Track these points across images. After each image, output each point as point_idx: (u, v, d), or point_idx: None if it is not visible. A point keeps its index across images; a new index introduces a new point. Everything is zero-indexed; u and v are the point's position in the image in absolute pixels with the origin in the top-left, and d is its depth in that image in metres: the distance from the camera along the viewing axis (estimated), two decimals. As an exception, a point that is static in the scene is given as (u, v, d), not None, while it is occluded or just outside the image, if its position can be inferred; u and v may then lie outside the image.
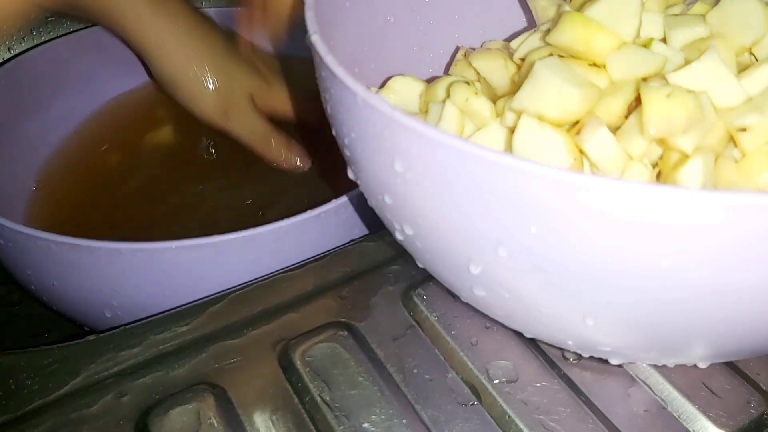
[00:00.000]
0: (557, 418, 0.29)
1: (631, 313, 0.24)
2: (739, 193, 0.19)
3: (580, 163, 0.27)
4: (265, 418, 0.29)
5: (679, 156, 0.27)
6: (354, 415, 0.29)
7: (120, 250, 0.35)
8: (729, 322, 0.24)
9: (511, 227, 0.23)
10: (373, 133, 0.25)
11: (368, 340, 0.32)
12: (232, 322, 0.33)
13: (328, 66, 0.26)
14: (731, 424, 0.29)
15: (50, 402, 0.29)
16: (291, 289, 0.34)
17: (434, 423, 0.29)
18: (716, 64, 0.27)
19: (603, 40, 0.29)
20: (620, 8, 0.30)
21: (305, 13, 0.29)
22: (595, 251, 0.22)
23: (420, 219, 0.26)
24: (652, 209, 0.20)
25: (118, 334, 0.32)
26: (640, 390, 0.30)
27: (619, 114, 0.28)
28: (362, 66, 0.35)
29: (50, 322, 0.47)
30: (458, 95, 0.31)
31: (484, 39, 0.41)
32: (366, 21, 0.36)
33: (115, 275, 0.37)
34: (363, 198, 0.39)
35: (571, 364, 0.31)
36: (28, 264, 0.39)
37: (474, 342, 0.32)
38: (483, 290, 0.27)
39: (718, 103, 0.27)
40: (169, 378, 0.30)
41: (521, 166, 0.21)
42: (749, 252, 0.21)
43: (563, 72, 0.27)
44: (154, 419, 0.28)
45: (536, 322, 0.28)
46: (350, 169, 0.30)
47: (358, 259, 0.36)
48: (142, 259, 0.36)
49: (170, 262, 0.36)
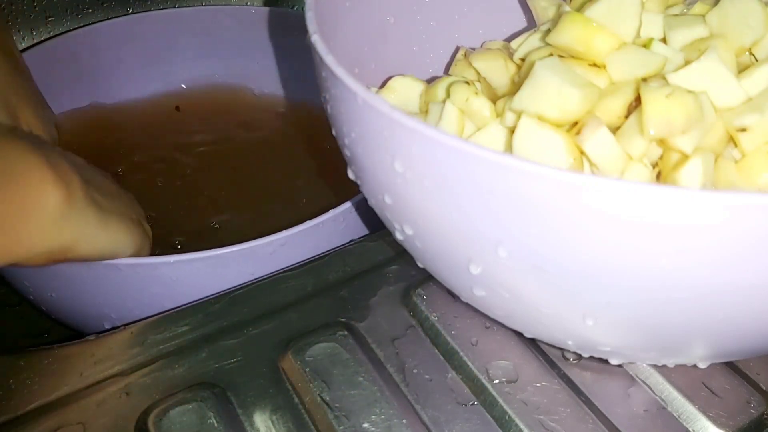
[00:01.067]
0: (557, 418, 0.29)
1: (631, 313, 0.24)
2: (739, 193, 0.19)
3: (580, 163, 0.27)
4: (265, 418, 0.29)
5: (679, 156, 0.27)
6: (354, 415, 0.29)
7: (118, 265, 0.35)
8: (729, 322, 0.24)
9: (511, 227, 0.23)
10: (373, 133, 0.25)
11: (368, 340, 0.32)
12: (232, 322, 0.33)
13: (328, 66, 0.26)
14: (731, 424, 0.29)
15: (50, 402, 0.29)
16: (291, 289, 0.34)
17: (434, 423, 0.29)
18: (716, 65, 0.27)
19: (603, 40, 0.29)
20: (620, 8, 0.30)
21: (305, 13, 0.29)
22: (595, 251, 0.22)
23: (420, 219, 0.26)
24: (652, 209, 0.20)
25: (118, 334, 0.32)
26: (640, 390, 0.30)
27: (619, 114, 0.28)
28: (362, 66, 0.35)
29: (50, 322, 0.47)
30: (458, 95, 0.31)
31: (484, 39, 0.41)
32: (366, 21, 0.36)
33: (114, 289, 0.37)
34: (360, 206, 0.39)
35: (571, 364, 0.31)
36: (26, 276, 0.38)
37: (474, 342, 0.32)
38: (483, 290, 0.27)
39: (718, 103, 0.27)
40: (169, 378, 0.30)
41: (521, 166, 0.21)
42: (749, 252, 0.21)
43: (563, 72, 0.27)
44: (154, 419, 0.28)
45: (536, 322, 0.28)
46: (350, 169, 0.30)
47: (358, 259, 0.36)
48: (141, 274, 0.36)
49: (168, 277, 0.36)
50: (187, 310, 0.33)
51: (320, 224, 0.37)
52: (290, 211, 0.47)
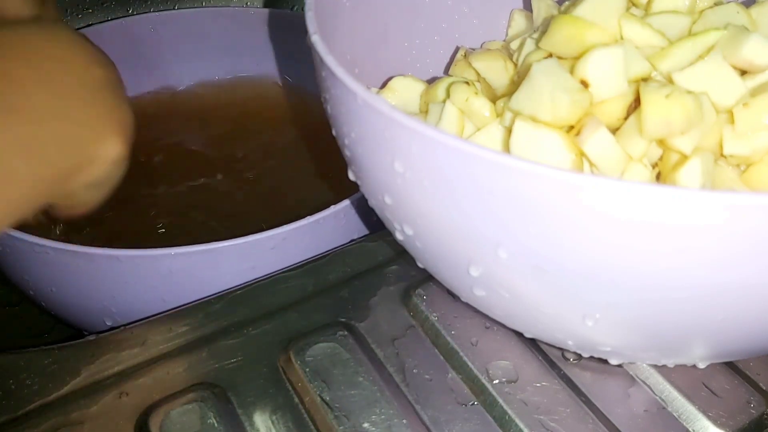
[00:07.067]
0: (557, 418, 0.29)
1: (631, 313, 0.24)
2: (739, 193, 0.19)
3: (579, 163, 0.27)
4: (265, 418, 0.29)
5: (678, 156, 0.27)
6: (354, 415, 0.29)
7: (118, 257, 0.35)
8: (729, 322, 0.24)
9: (511, 227, 0.23)
10: (373, 133, 0.25)
11: (368, 340, 0.32)
12: (232, 322, 0.33)
13: (328, 66, 0.26)
14: (731, 424, 0.29)
15: (50, 402, 0.29)
16: (291, 289, 0.34)
17: (434, 423, 0.29)
18: (720, 65, 0.27)
19: (594, 35, 0.29)
20: (604, 5, 0.30)
21: (305, 13, 0.29)
22: (595, 251, 0.22)
23: (420, 219, 0.26)
24: (651, 209, 0.20)
25: (118, 334, 0.32)
26: (640, 390, 0.30)
27: (619, 115, 0.28)
28: (362, 66, 0.35)
29: (50, 322, 0.47)
30: (458, 95, 0.31)
31: (484, 39, 0.41)
32: (366, 21, 0.36)
33: (114, 282, 0.37)
34: (361, 204, 0.39)
35: (571, 364, 0.31)
36: (26, 270, 0.38)
37: (474, 342, 0.32)
38: (483, 290, 0.27)
39: (722, 103, 0.27)
40: (169, 378, 0.30)
41: (521, 166, 0.21)
42: (749, 252, 0.21)
43: (557, 76, 0.27)
44: (154, 419, 0.28)
45: (536, 322, 0.28)
46: (350, 169, 0.30)
47: (358, 259, 0.36)
48: (141, 266, 0.36)
49: (169, 269, 0.36)
50: (187, 310, 0.33)
51: (321, 220, 0.37)
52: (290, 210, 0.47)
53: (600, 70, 0.28)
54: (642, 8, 0.33)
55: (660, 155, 0.28)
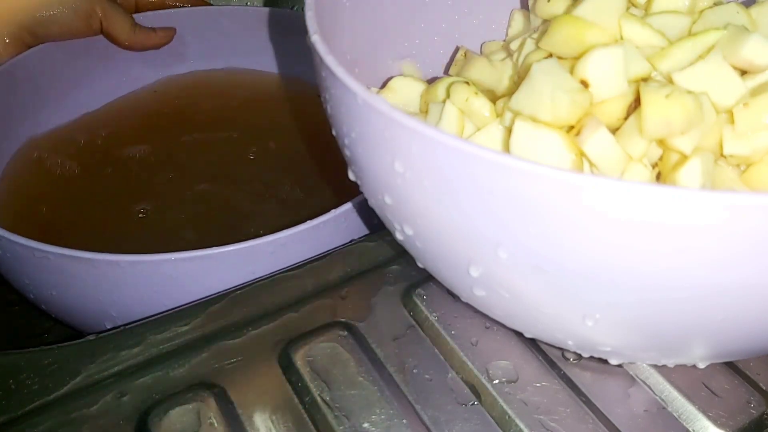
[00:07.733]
0: (557, 418, 0.29)
1: (631, 313, 0.24)
2: (739, 193, 0.19)
3: (579, 163, 0.27)
4: (265, 418, 0.29)
5: (678, 156, 0.27)
6: (354, 415, 0.29)
7: (119, 262, 0.35)
8: (729, 322, 0.24)
9: (511, 227, 0.23)
10: (373, 133, 0.25)
11: (368, 340, 0.32)
12: (232, 322, 0.33)
13: (328, 66, 0.26)
14: (731, 424, 0.29)
15: (50, 402, 0.29)
16: (291, 289, 0.34)
17: (434, 423, 0.29)
18: (720, 65, 0.27)
19: (594, 35, 0.29)
20: (604, 5, 0.30)
21: (305, 13, 0.29)
22: (595, 251, 0.22)
23: (420, 219, 0.26)
24: (651, 209, 0.20)
25: (118, 334, 0.32)
26: (640, 390, 0.30)
27: (619, 115, 0.28)
28: (362, 66, 0.35)
29: (50, 322, 0.47)
30: (458, 95, 0.31)
31: (484, 39, 0.41)
32: (366, 21, 0.36)
33: (114, 287, 0.37)
34: (362, 206, 0.39)
35: (571, 364, 0.31)
36: (26, 274, 0.38)
37: (474, 342, 0.32)
38: (483, 290, 0.27)
39: (722, 103, 0.27)
40: (169, 378, 0.30)
41: (521, 166, 0.21)
42: (749, 252, 0.21)
43: (557, 76, 0.27)
44: (154, 419, 0.28)
45: (536, 322, 0.28)
46: (350, 169, 0.30)
47: (358, 259, 0.36)
48: (141, 271, 0.36)
49: (169, 274, 0.36)
50: (187, 310, 0.33)
51: (321, 224, 0.37)
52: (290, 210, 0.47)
53: (600, 70, 0.28)
54: (642, 8, 0.33)
55: (660, 155, 0.28)
